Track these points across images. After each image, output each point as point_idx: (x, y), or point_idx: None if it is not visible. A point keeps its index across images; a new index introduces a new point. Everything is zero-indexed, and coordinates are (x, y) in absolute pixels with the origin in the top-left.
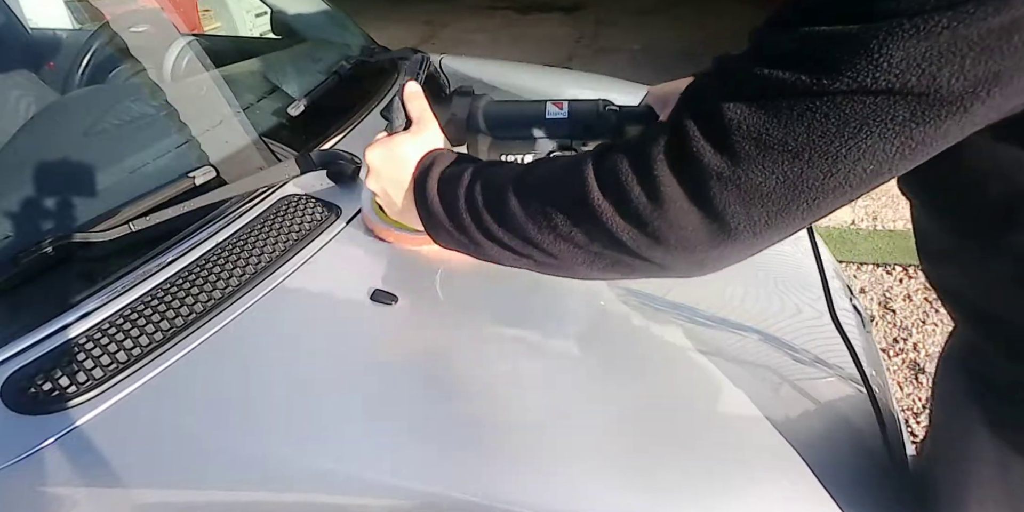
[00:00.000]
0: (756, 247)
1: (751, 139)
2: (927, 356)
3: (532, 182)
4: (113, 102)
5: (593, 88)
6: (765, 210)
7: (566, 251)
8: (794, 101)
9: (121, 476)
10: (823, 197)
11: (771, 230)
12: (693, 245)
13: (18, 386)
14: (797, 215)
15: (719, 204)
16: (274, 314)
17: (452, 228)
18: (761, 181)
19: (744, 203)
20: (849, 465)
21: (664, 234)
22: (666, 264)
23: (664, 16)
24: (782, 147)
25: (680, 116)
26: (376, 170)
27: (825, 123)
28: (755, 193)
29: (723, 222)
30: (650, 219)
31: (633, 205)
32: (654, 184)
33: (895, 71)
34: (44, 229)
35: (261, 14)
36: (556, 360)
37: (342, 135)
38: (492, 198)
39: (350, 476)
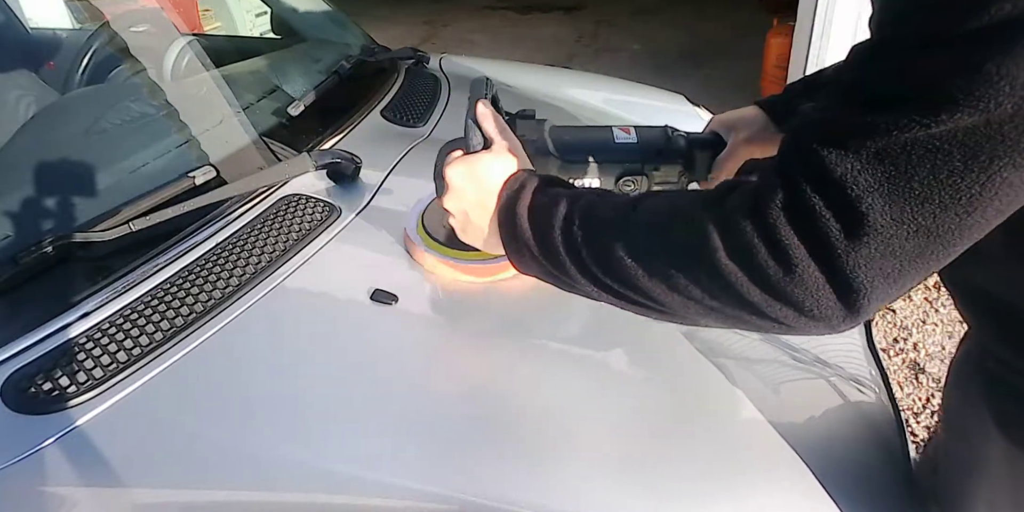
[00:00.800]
0: (891, 298)
1: (872, 192)
2: (927, 356)
3: (642, 227)
4: (113, 102)
5: (594, 88)
6: (898, 262)
7: (679, 302)
8: (910, 144)
9: (121, 476)
10: (959, 238)
11: (905, 280)
12: (826, 306)
13: (18, 386)
14: (932, 260)
15: (850, 265)
16: (274, 314)
17: (544, 260)
18: (891, 235)
19: (876, 260)
20: (850, 465)
21: (797, 298)
22: (797, 326)
23: (664, 16)
24: (908, 195)
25: (790, 172)
26: (458, 189)
27: (950, 162)
28: (886, 249)
29: (857, 282)
30: (781, 284)
31: (762, 270)
32: (781, 249)
33: (1020, 93)
34: (44, 229)
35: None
36: (557, 360)
37: (342, 135)
38: (594, 237)
39: (350, 476)
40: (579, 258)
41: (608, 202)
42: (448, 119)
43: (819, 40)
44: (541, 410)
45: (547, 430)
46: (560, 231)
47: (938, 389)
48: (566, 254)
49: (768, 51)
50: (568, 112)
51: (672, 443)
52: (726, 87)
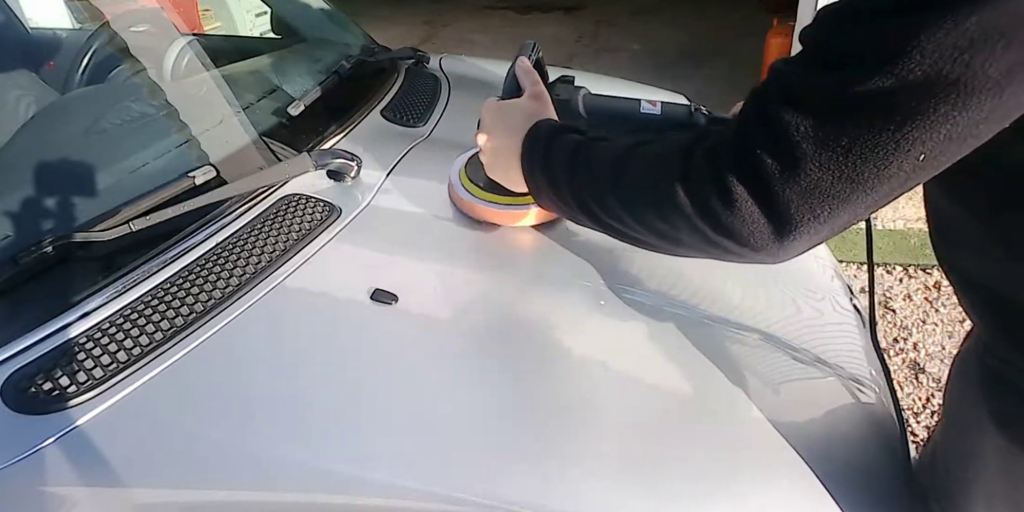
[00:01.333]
0: (822, 235)
1: (807, 139)
2: (927, 356)
3: (628, 168)
4: (113, 102)
5: (594, 88)
6: (826, 204)
7: (653, 233)
8: (841, 100)
9: (121, 476)
10: (879, 187)
11: (834, 221)
12: (763, 238)
13: (18, 386)
14: (858, 205)
15: (782, 202)
16: (274, 314)
17: (551, 192)
18: (818, 178)
19: (805, 199)
20: (850, 465)
21: (737, 229)
22: (742, 254)
23: (664, 16)
24: (835, 144)
25: (742, 122)
26: (489, 127)
27: (872, 118)
28: (814, 190)
29: (787, 218)
30: (723, 217)
31: (709, 205)
32: (724, 187)
33: (928, 61)
34: (44, 229)
35: (261, 14)
36: (557, 360)
37: (342, 135)
38: (591, 174)
39: (350, 476)
40: (578, 191)
41: (608, 146)
42: (448, 119)
43: None
44: (541, 410)
45: (547, 430)
46: (567, 168)
47: (938, 389)
48: (568, 188)
49: (768, 51)
50: None
51: (672, 443)
52: (726, 87)
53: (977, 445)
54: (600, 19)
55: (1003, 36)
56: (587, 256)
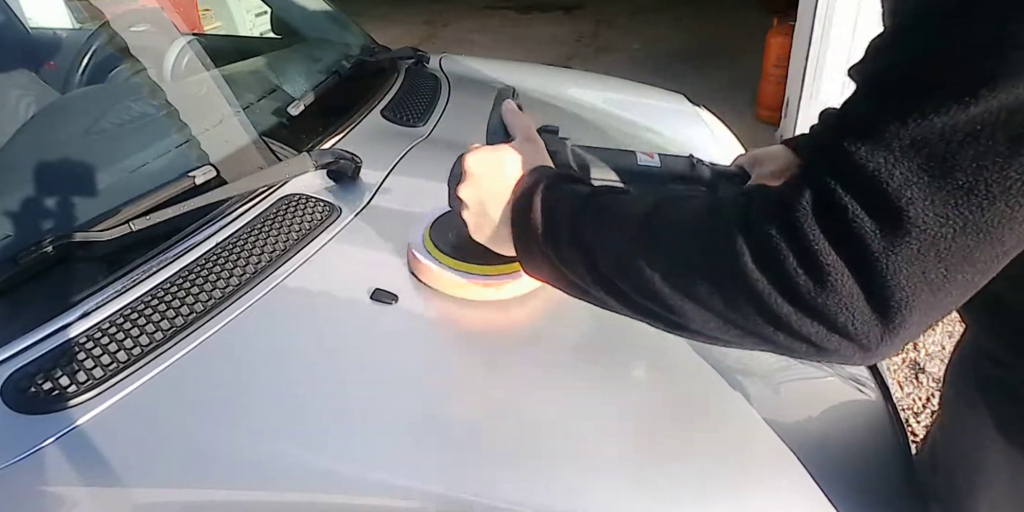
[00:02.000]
0: (932, 314)
1: (910, 186)
2: (927, 355)
3: (661, 229)
4: (113, 102)
5: (594, 87)
6: (944, 266)
7: (697, 313)
8: (948, 129)
9: (121, 476)
10: (1010, 233)
11: (951, 289)
12: (862, 321)
13: (18, 385)
14: (980, 263)
15: (890, 270)
16: (274, 314)
17: (554, 261)
18: (935, 233)
19: (918, 263)
20: (850, 465)
21: (829, 311)
22: (828, 346)
23: (664, 16)
24: (951, 187)
25: (817, 172)
26: (475, 177)
27: (994, 146)
28: (930, 249)
29: (896, 290)
30: (812, 294)
31: (790, 278)
32: (810, 254)
33: None
34: (44, 228)
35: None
36: (557, 360)
37: (342, 135)
38: (608, 238)
39: (350, 476)
40: (591, 260)
41: (627, 200)
42: (448, 119)
43: (819, 40)
44: (542, 410)
45: (548, 430)
46: (572, 229)
47: (938, 389)
48: (578, 255)
49: (768, 51)
50: (568, 111)
51: (672, 444)
52: (726, 87)
53: (979, 448)
54: (600, 19)
55: None
56: None
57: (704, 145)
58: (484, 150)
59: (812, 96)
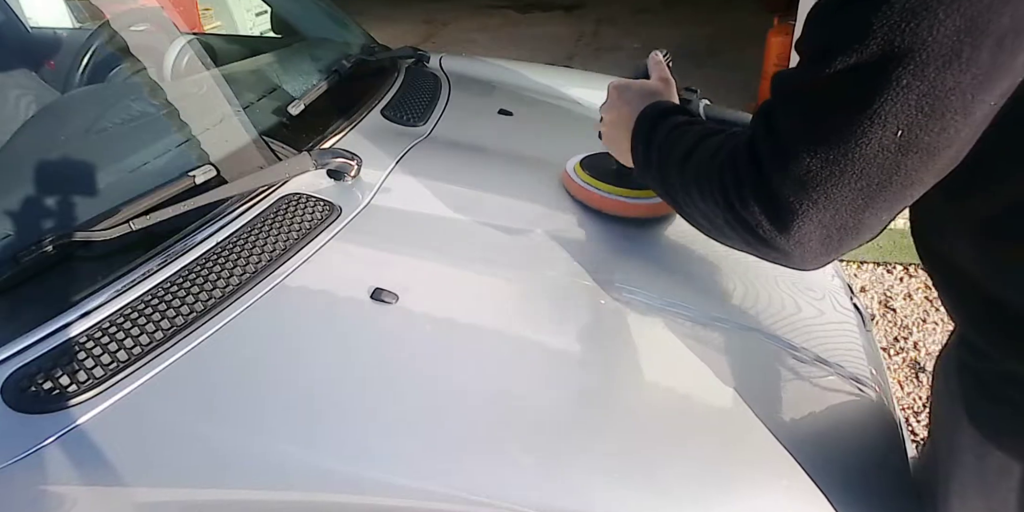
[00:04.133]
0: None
1: (794, 127)
2: (928, 355)
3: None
4: (113, 101)
5: (595, 87)
6: (821, 190)
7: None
8: (817, 86)
9: (122, 475)
10: (869, 171)
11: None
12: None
13: (19, 385)
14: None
15: (775, 190)
16: (275, 313)
17: (645, 163)
18: (807, 163)
19: (799, 187)
20: (849, 465)
21: (748, 220)
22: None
23: (664, 15)
24: (816, 127)
25: (755, 117)
26: (614, 100)
27: (843, 98)
28: (805, 175)
29: (784, 206)
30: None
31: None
32: (737, 179)
33: (880, 35)
34: (45, 228)
35: (261, 13)
36: (557, 359)
37: (342, 134)
38: (671, 153)
39: (351, 475)
40: (661, 167)
41: (695, 130)
42: (448, 118)
43: None
44: (542, 410)
45: (548, 430)
46: (659, 143)
47: None
48: (656, 162)
49: (768, 50)
50: (569, 111)
51: (672, 443)
52: (726, 86)
53: (953, 440)
54: (600, 18)
55: (941, 4)
56: (588, 257)
57: None
58: (625, 82)
59: None
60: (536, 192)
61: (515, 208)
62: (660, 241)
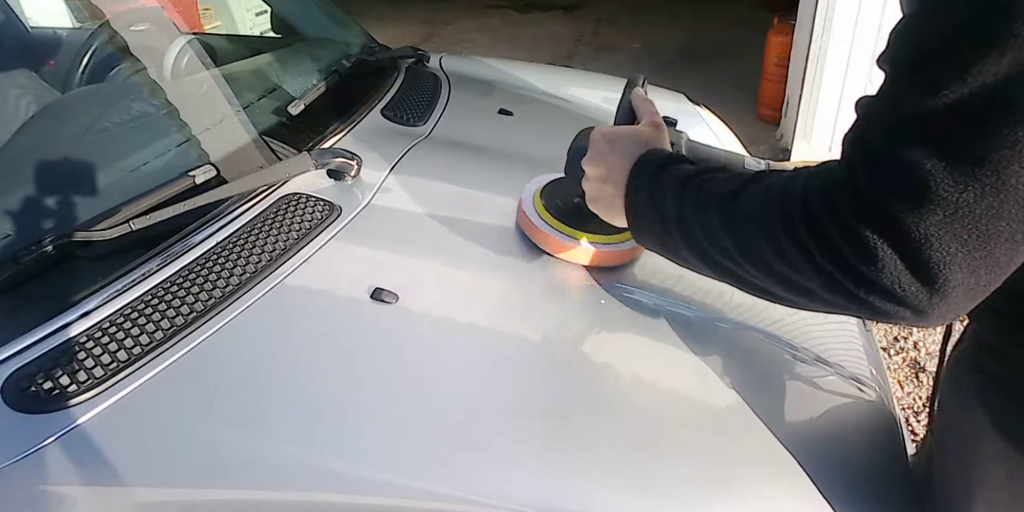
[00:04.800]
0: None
1: (929, 158)
2: (928, 355)
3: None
4: (113, 101)
5: (595, 87)
6: (975, 228)
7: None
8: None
9: (122, 475)
10: None
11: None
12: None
13: (19, 385)
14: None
15: (921, 234)
16: (275, 313)
17: (657, 225)
18: (958, 198)
19: (948, 226)
20: (849, 465)
21: (877, 278)
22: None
23: (664, 14)
24: (964, 154)
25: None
26: (601, 151)
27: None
28: (956, 212)
29: (931, 253)
30: (857, 263)
31: (841, 252)
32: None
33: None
34: (44, 228)
35: (261, 13)
36: (557, 359)
37: (342, 134)
38: (702, 205)
39: (351, 475)
40: (688, 228)
41: (721, 179)
42: (448, 118)
43: (820, 39)
44: (542, 410)
45: (548, 430)
46: (675, 202)
47: None
48: (677, 224)
49: (769, 50)
50: (569, 111)
51: (671, 443)
52: (727, 86)
53: (976, 449)
54: (600, 18)
55: None
56: None
57: None
58: (611, 129)
59: (813, 95)
60: None
61: (514, 207)
62: None
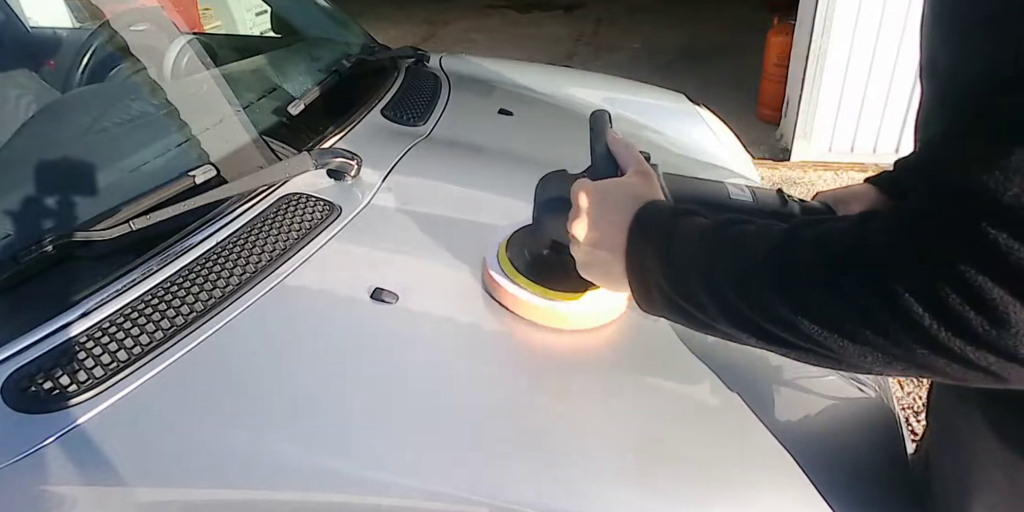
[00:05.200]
0: None
1: None
2: None
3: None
4: (113, 101)
5: (595, 86)
6: None
7: (853, 351)
8: None
9: (122, 475)
10: None
11: None
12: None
13: (19, 385)
14: None
15: None
16: (275, 313)
17: (678, 298)
18: None
19: None
20: (849, 465)
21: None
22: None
23: (663, 14)
24: None
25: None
26: (589, 213)
27: None
28: None
29: None
30: (987, 330)
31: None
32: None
33: None
34: (45, 228)
35: (261, 13)
36: (556, 359)
37: (342, 134)
38: (744, 276)
39: (351, 475)
40: (720, 295)
41: (754, 233)
42: (448, 118)
43: (820, 39)
44: (543, 410)
45: (549, 430)
46: (696, 265)
47: None
48: (704, 290)
49: (769, 50)
50: (569, 111)
51: (672, 444)
52: (727, 86)
53: (974, 452)
54: (600, 18)
55: None
56: None
57: (705, 144)
58: (596, 185)
59: (813, 95)
60: None
61: (515, 208)
62: None
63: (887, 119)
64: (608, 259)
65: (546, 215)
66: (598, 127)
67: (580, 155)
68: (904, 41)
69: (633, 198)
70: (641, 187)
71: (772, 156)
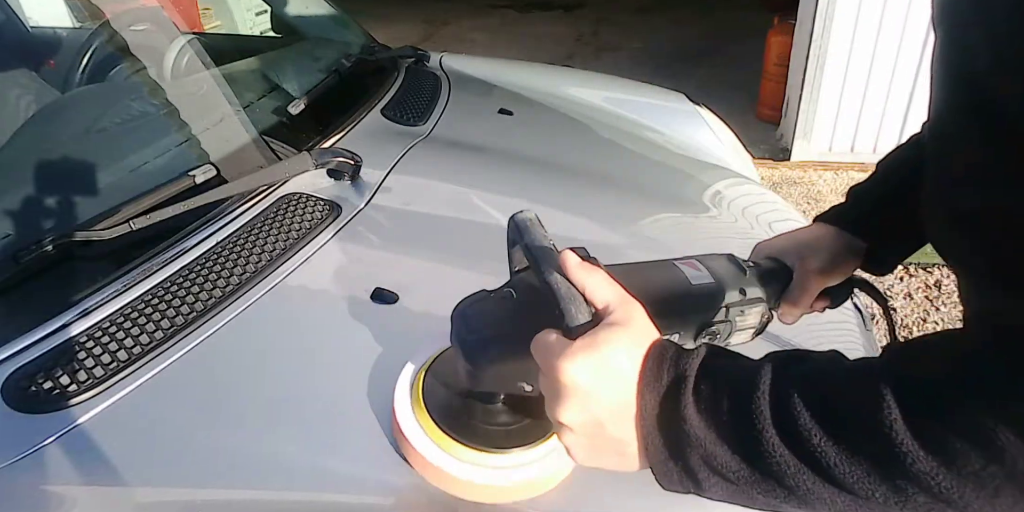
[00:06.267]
0: None
1: None
2: None
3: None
4: (113, 101)
5: (595, 86)
6: None
7: None
8: None
9: (122, 475)
10: None
11: None
12: None
13: (19, 384)
14: None
15: None
16: (275, 313)
17: (745, 475)
18: None
19: None
20: None
21: None
22: None
23: (664, 14)
24: None
25: None
26: (585, 393)
27: None
28: None
29: None
30: None
31: None
32: None
33: None
34: (45, 227)
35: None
36: None
37: (342, 133)
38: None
39: (351, 475)
40: (820, 467)
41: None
42: (448, 118)
43: (820, 39)
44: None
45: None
46: (774, 433)
47: None
48: (793, 464)
49: (769, 50)
50: (569, 111)
51: None
52: (727, 86)
53: None
54: (600, 17)
55: None
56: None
57: (705, 144)
58: (579, 353)
59: (813, 95)
60: (536, 191)
61: (514, 207)
62: (658, 235)
63: (887, 119)
64: (622, 443)
65: (486, 366)
66: (540, 254)
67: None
68: (904, 41)
69: (633, 354)
70: (634, 333)
71: (772, 156)
